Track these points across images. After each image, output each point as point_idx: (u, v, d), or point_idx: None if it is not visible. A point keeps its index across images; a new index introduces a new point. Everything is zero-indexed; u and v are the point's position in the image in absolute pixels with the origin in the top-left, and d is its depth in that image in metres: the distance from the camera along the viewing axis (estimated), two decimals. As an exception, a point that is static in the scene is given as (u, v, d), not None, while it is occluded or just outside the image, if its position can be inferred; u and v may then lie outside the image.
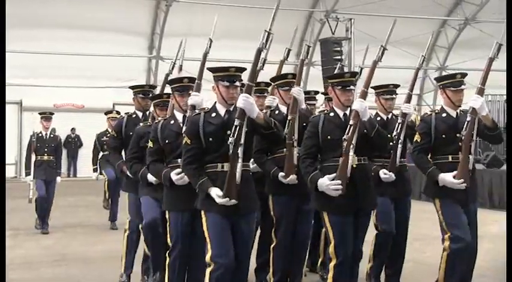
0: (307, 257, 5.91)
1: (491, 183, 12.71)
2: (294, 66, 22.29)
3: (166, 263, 4.87)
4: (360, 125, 4.67)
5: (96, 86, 20.72)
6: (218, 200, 4.22)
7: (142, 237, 5.65)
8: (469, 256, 5.04)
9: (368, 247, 5.20)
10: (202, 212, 4.38)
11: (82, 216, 11.45)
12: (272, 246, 5.45)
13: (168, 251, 4.88)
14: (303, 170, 4.79)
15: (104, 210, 10.33)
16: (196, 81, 5.02)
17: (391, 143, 5.44)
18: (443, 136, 5.06)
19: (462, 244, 4.92)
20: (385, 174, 5.47)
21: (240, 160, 4.23)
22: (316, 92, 6.46)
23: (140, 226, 5.56)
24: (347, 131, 4.63)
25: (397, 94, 5.79)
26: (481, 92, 4.95)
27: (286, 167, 5.27)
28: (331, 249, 4.68)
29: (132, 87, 6.53)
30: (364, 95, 4.77)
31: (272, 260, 5.46)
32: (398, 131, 5.51)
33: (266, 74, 5.73)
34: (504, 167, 13.62)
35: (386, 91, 5.71)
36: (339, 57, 19.63)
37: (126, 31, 21.23)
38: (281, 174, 5.27)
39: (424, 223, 6.72)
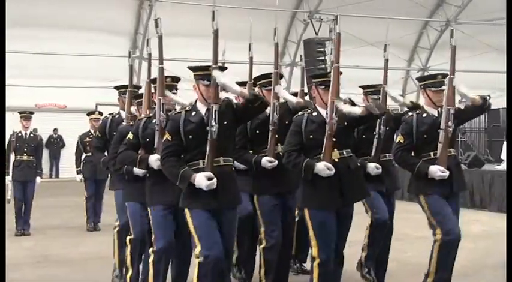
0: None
1: (472, 183, 12.82)
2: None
3: (150, 260, 4.84)
4: (340, 118, 4.66)
5: (79, 86, 20.58)
6: (205, 183, 4.21)
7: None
8: (457, 247, 5.09)
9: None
10: (186, 210, 4.39)
11: (64, 218, 11.36)
12: (263, 246, 5.36)
13: (152, 249, 4.86)
14: (292, 162, 4.71)
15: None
16: (158, 65, 4.94)
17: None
18: (425, 136, 5.14)
19: (454, 236, 4.99)
20: (377, 168, 5.51)
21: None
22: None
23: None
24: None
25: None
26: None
27: (270, 151, 5.25)
28: (313, 248, 4.67)
29: (117, 87, 6.57)
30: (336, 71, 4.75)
31: (264, 261, 5.37)
32: (381, 126, 5.59)
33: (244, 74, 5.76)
34: (485, 167, 13.76)
35: (374, 91, 5.77)
36: (323, 57, 19.68)
37: (110, 31, 21.12)
38: (266, 158, 5.21)
39: (406, 223, 6.78)
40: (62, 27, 20.11)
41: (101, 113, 9.93)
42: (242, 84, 6.01)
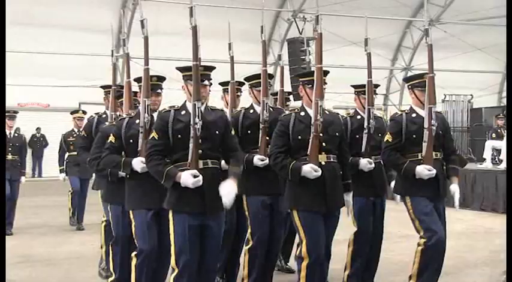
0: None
1: (455, 182, 12.88)
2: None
3: (133, 263, 4.82)
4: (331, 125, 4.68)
5: (62, 85, 20.44)
6: (191, 181, 4.15)
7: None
8: (442, 251, 5.07)
9: (336, 247, 5.18)
10: (170, 212, 4.34)
11: (46, 217, 11.30)
12: (248, 247, 5.32)
13: (135, 252, 4.83)
14: (279, 164, 4.67)
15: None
16: (144, 66, 4.87)
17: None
18: (414, 136, 5.09)
19: (437, 240, 4.97)
20: (370, 163, 5.41)
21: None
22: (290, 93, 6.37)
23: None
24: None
25: (376, 94, 5.78)
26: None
27: (261, 149, 5.21)
28: (303, 248, 4.64)
29: (103, 87, 6.51)
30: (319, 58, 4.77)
31: (248, 261, 5.34)
32: (370, 120, 5.51)
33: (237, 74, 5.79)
34: (467, 166, 13.84)
35: (365, 91, 5.72)
36: (306, 56, 19.70)
37: (93, 30, 20.98)
38: (257, 156, 5.18)
39: (389, 221, 6.79)
40: (46, 26, 19.94)
41: (84, 112, 9.91)
42: (225, 84, 6.02)
